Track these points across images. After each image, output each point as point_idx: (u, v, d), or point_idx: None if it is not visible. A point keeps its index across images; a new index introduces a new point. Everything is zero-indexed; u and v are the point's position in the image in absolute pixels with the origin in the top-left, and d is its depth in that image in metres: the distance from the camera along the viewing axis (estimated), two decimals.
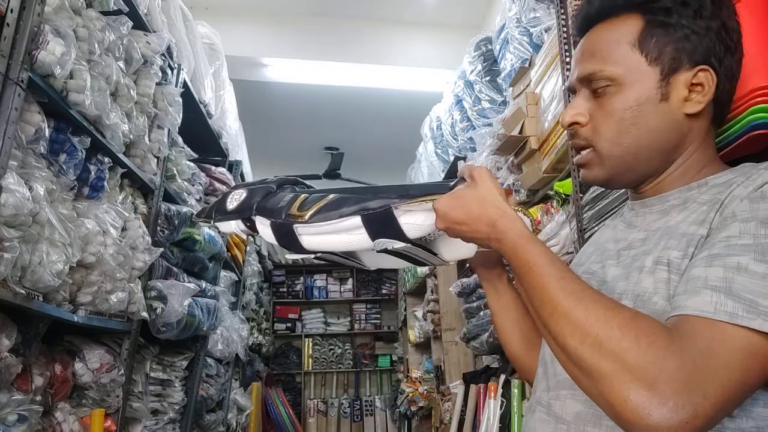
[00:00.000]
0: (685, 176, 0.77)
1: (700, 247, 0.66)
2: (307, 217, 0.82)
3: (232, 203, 0.92)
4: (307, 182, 1.02)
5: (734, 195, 0.67)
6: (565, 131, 1.85)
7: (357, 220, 0.79)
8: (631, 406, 0.56)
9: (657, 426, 0.55)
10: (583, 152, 0.81)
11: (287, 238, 0.84)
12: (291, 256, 0.90)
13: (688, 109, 0.75)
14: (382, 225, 0.78)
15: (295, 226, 0.83)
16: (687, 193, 0.76)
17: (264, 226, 0.87)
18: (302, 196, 0.86)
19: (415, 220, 0.78)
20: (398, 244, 0.80)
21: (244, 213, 0.90)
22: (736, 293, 0.58)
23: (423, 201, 0.77)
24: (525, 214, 0.81)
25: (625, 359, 0.57)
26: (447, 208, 0.76)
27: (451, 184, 0.81)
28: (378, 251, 0.82)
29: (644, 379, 0.56)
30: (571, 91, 0.85)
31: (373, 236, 0.79)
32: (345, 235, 0.81)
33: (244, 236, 0.93)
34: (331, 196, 0.83)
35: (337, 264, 0.97)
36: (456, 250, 0.88)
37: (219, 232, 0.92)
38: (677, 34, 0.75)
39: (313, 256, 0.87)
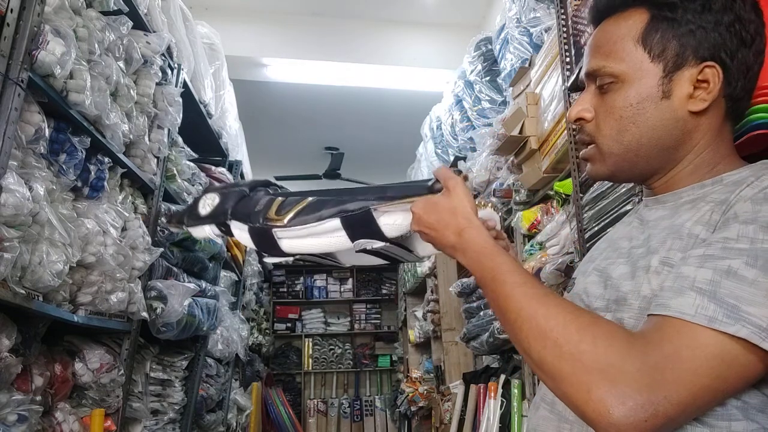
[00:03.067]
0: (697, 173, 0.76)
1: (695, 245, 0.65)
2: (285, 221, 0.81)
3: (204, 208, 0.89)
4: (298, 182, 1.02)
5: (741, 195, 0.65)
6: (570, 127, 1.85)
7: (336, 222, 0.80)
8: (592, 405, 0.57)
9: (618, 423, 0.56)
10: (588, 147, 0.81)
11: (266, 243, 0.84)
12: (270, 260, 0.89)
13: (692, 106, 0.74)
14: (361, 226, 0.80)
15: (273, 230, 0.83)
16: (700, 190, 0.74)
17: (241, 231, 0.86)
18: (278, 199, 0.85)
19: (393, 220, 0.80)
20: (378, 244, 0.81)
21: (218, 218, 0.89)
22: (720, 297, 0.57)
23: (401, 203, 0.80)
24: (494, 209, 0.85)
25: (583, 361, 0.59)
26: (422, 212, 0.78)
27: (429, 183, 0.82)
28: (357, 251, 0.83)
29: (604, 380, 0.57)
30: (581, 86, 0.85)
31: (353, 237, 0.81)
32: (325, 237, 0.81)
33: (219, 240, 0.92)
34: (309, 198, 0.83)
35: (314, 262, 0.97)
36: (429, 245, 0.88)
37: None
38: (682, 30, 0.73)
39: (291, 258, 0.88)
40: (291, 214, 0.81)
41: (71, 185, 1.63)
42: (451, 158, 3.65)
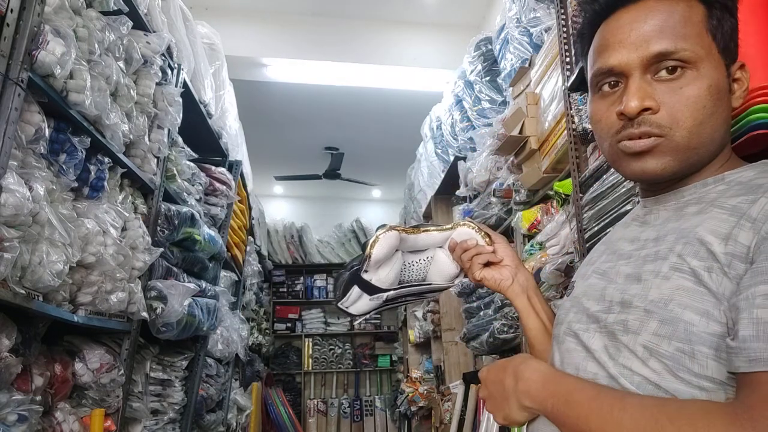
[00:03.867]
0: (707, 171, 0.74)
1: (732, 265, 0.61)
2: (338, 302, 0.98)
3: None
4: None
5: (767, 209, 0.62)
6: (571, 127, 1.85)
7: (356, 288, 0.94)
8: None
9: None
10: (647, 140, 0.71)
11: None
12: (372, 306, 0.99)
13: (734, 103, 0.74)
14: (365, 287, 0.92)
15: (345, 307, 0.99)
16: (702, 189, 0.72)
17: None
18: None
19: (377, 276, 0.91)
20: (384, 294, 0.93)
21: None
22: None
23: (366, 260, 0.90)
24: (471, 226, 0.92)
25: None
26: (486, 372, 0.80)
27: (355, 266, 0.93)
28: (386, 302, 0.96)
29: None
30: (611, 75, 0.75)
31: (369, 293, 0.93)
32: (360, 301, 0.96)
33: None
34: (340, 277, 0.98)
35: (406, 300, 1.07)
36: (444, 272, 0.99)
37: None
38: (732, 23, 0.72)
39: (379, 306, 0.99)
40: (338, 294, 0.96)
41: (71, 185, 1.63)
42: (451, 158, 3.65)
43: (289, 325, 7.22)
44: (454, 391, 3.48)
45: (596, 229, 1.66)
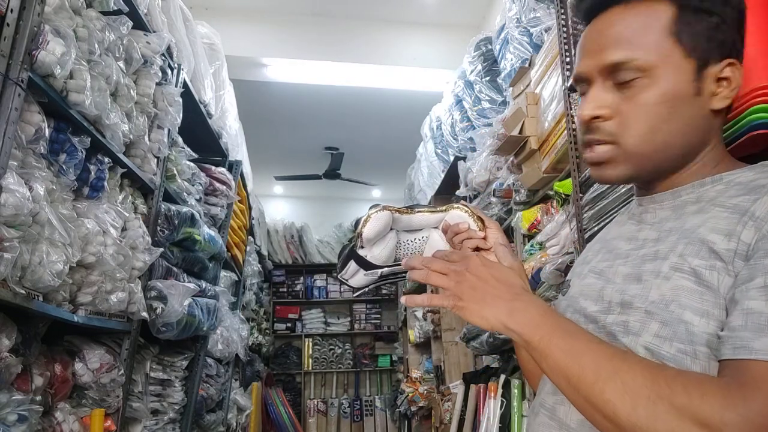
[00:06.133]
0: (701, 172, 0.74)
1: (735, 263, 0.62)
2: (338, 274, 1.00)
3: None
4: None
5: None
6: (570, 127, 1.85)
7: (353, 263, 0.95)
8: None
9: None
10: (602, 148, 0.74)
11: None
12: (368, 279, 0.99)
13: (715, 104, 0.72)
14: (361, 263, 0.94)
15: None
16: (700, 189, 0.72)
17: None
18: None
19: (371, 253, 0.93)
20: (384, 270, 0.95)
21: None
22: None
23: (358, 237, 0.91)
24: (465, 210, 0.91)
25: (682, 417, 0.54)
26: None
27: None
28: (381, 278, 0.97)
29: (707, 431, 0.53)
30: (580, 82, 0.77)
31: (365, 269, 0.95)
32: (357, 275, 0.97)
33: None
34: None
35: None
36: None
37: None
38: (710, 22, 0.70)
39: (375, 281, 1.00)
40: (339, 265, 0.98)
41: (71, 185, 1.63)
42: (451, 158, 3.65)
43: (289, 325, 7.21)
44: (454, 391, 3.47)
45: (596, 229, 1.66)
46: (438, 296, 0.70)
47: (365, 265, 0.93)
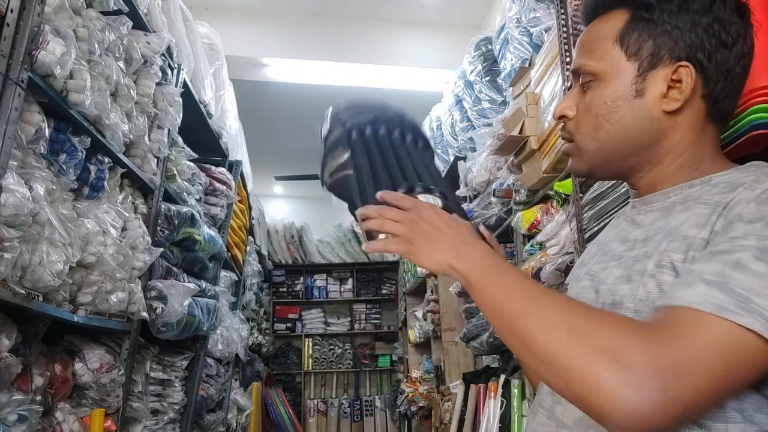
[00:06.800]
0: (682, 173, 0.76)
1: (702, 249, 0.64)
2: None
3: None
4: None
5: (740, 198, 0.65)
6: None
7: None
8: (606, 396, 0.55)
9: (634, 411, 0.54)
10: (567, 144, 0.84)
11: None
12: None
13: (665, 106, 0.74)
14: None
15: None
16: (689, 190, 0.74)
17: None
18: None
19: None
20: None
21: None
22: (729, 288, 0.57)
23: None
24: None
25: (593, 346, 0.57)
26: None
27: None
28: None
29: (615, 366, 0.55)
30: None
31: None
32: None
33: None
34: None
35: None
36: None
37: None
38: (658, 30, 0.74)
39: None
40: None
41: (71, 185, 1.63)
42: (451, 158, 3.65)
43: (289, 325, 7.21)
44: (454, 391, 3.47)
45: (596, 229, 1.66)
46: (392, 242, 0.74)
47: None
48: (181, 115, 2.35)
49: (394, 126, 0.93)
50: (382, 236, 0.78)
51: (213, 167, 3.13)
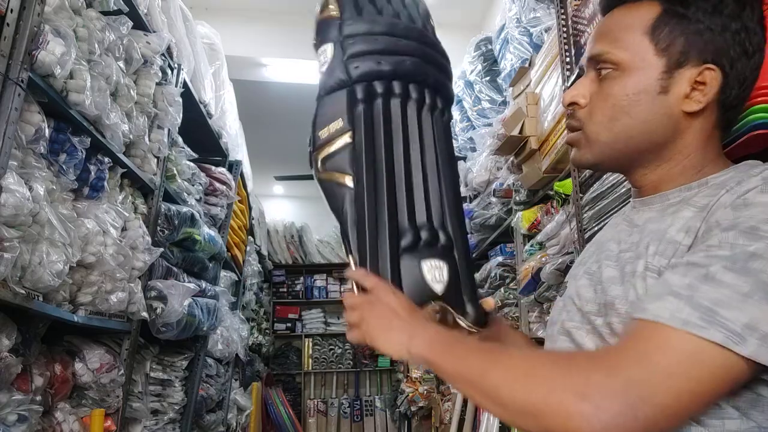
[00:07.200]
0: (684, 175, 0.75)
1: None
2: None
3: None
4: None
5: (720, 202, 0.65)
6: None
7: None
8: (573, 426, 0.56)
9: None
10: (573, 133, 0.81)
11: None
12: None
13: (687, 106, 0.73)
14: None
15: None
16: (686, 193, 0.74)
17: None
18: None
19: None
20: None
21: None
22: (697, 301, 0.57)
23: None
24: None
25: (557, 385, 0.58)
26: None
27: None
28: None
29: (576, 396, 0.56)
30: (582, 71, 0.84)
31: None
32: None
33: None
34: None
35: None
36: None
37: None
38: (691, 28, 0.72)
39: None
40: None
41: (71, 185, 1.63)
42: None
43: (289, 325, 7.21)
44: (454, 391, 3.47)
45: (596, 229, 1.66)
46: (350, 331, 0.78)
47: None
48: (181, 115, 2.35)
49: (410, 78, 0.84)
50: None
51: (213, 167, 3.13)
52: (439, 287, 0.79)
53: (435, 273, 0.80)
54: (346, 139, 0.82)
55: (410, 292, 0.78)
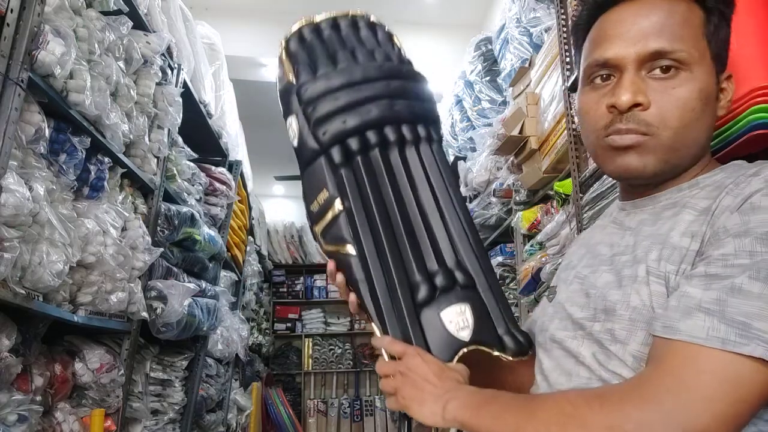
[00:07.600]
0: (682, 177, 0.74)
1: (694, 263, 0.63)
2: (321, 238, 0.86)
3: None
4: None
5: (723, 206, 0.64)
6: (570, 127, 1.85)
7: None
8: None
9: None
10: (634, 135, 0.70)
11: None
12: None
13: (719, 111, 0.73)
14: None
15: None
16: (678, 194, 0.72)
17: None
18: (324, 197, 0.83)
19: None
20: None
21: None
22: (730, 317, 0.55)
23: None
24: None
25: (590, 425, 0.57)
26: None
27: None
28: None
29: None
30: (607, 67, 0.73)
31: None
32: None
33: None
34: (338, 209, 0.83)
35: None
36: None
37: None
38: (724, 32, 0.71)
39: None
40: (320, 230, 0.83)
41: (71, 185, 1.63)
42: (451, 158, 3.65)
43: (289, 325, 7.21)
44: None
45: None
46: (389, 400, 0.77)
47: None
48: (181, 115, 2.35)
49: (381, 123, 0.80)
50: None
51: (213, 167, 3.13)
52: (465, 334, 0.76)
53: (458, 320, 0.76)
54: (338, 207, 0.79)
55: (438, 348, 0.75)
